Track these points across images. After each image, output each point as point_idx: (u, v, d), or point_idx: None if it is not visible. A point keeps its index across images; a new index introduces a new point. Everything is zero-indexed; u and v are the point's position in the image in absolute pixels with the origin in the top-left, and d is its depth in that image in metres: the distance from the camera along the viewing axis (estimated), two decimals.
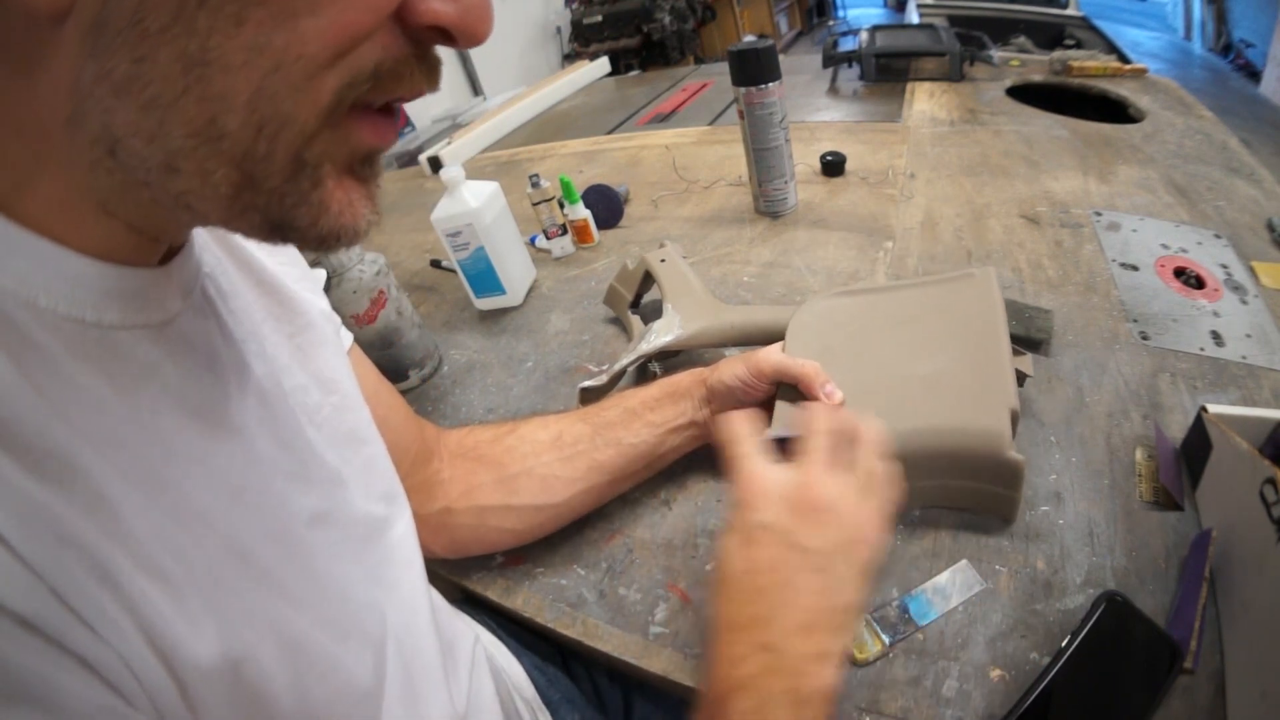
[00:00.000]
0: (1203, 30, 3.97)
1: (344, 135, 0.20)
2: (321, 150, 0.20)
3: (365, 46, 0.19)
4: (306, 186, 0.20)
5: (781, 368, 0.45)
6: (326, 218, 0.21)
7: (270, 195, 0.20)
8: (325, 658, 0.27)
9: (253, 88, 0.17)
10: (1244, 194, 0.78)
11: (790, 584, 0.32)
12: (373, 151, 0.22)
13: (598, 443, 0.49)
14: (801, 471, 0.34)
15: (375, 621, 0.31)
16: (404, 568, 0.36)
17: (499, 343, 0.75)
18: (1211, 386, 0.52)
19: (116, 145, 0.18)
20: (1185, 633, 0.36)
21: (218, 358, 0.27)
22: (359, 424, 0.36)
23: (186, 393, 0.24)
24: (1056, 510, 0.45)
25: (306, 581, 0.27)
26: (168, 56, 0.17)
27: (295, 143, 0.19)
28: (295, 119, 0.18)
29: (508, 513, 0.48)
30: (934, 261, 0.72)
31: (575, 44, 3.04)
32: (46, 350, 0.20)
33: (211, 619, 0.22)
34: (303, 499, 0.29)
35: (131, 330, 0.23)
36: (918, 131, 1.03)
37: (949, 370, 0.44)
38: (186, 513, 0.23)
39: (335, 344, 0.37)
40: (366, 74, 0.19)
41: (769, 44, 0.75)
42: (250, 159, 0.19)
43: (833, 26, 5.35)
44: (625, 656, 0.43)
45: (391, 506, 0.37)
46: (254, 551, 0.25)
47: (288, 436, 0.29)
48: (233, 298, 0.29)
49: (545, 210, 0.87)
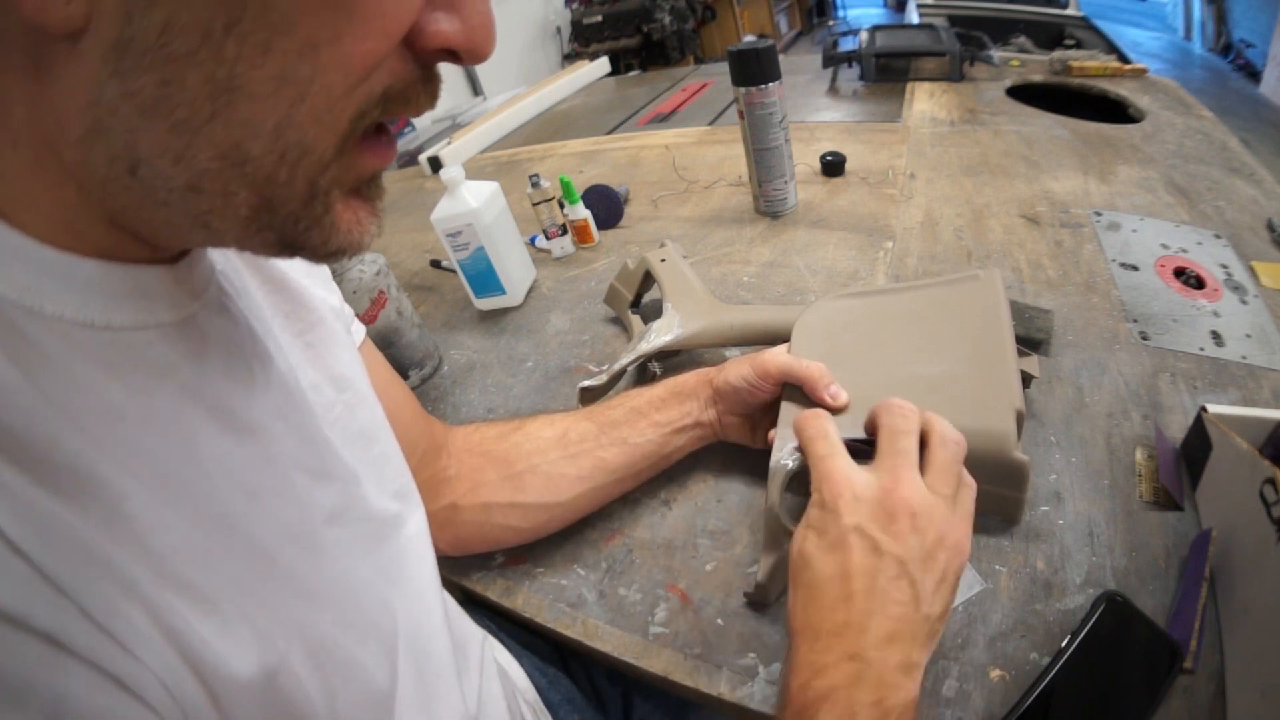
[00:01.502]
0: (1203, 30, 3.97)
1: (351, 161, 0.21)
2: (332, 177, 0.20)
3: (377, 74, 0.19)
4: (319, 211, 0.21)
5: (787, 369, 0.45)
6: (336, 237, 0.22)
7: (286, 218, 0.20)
8: (349, 661, 0.27)
9: (279, 116, 0.18)
10: (1244, 194, 0.78)
11: (881, 591, 0.30)
12: (374, 173, 0.23)
13: (603, 441, 0.49)
14: (889, 475, 0.33)
15: (388, 620, 0.31)
16: (417, 564, 0.36)
17: (499, 343, 0.75)
18: (1211, 386, 0.52)
19: (139, 164, 0.18)
20: (1185, 633, 0.36)
21: (239, 352, 0.26)
22: (371, 421, 0.36)
23: (204, 391, 0.24)
24: (1056, 510, 0.45)
25: (326, 581, 0.27)
26: (196, 80, 0.17)
27: (313, 171, 0.20)
28: (315, 148, 0.19)
29: (513, 510, 0.48)
30: (934, 261, 0.72)
31: (575, 44, 3.04)
32: (56, 358, 0.20)
33: (245, 629, 0.22)
34: (322, 496, 0.29)
35: (144, 331, 0.22)
36: (918, 131, 1.03)
37: (954, 371, 0.44)
38: (209, 517, 0.23)
39: (345, 341, 0.37)
40: (376, 99, 0.20)
41: (769, 44, 0.75)
42: (271, 184, 0.19)
43: (833, 26, 5.35)
44: (625, 657, 0.43)
45: (405, 504, 0.37)
46: (276, 552, 0.25)
47: (309, 432, 0.29)
48: (244, 295, 0.29)
49: (545, 210, 0.87)
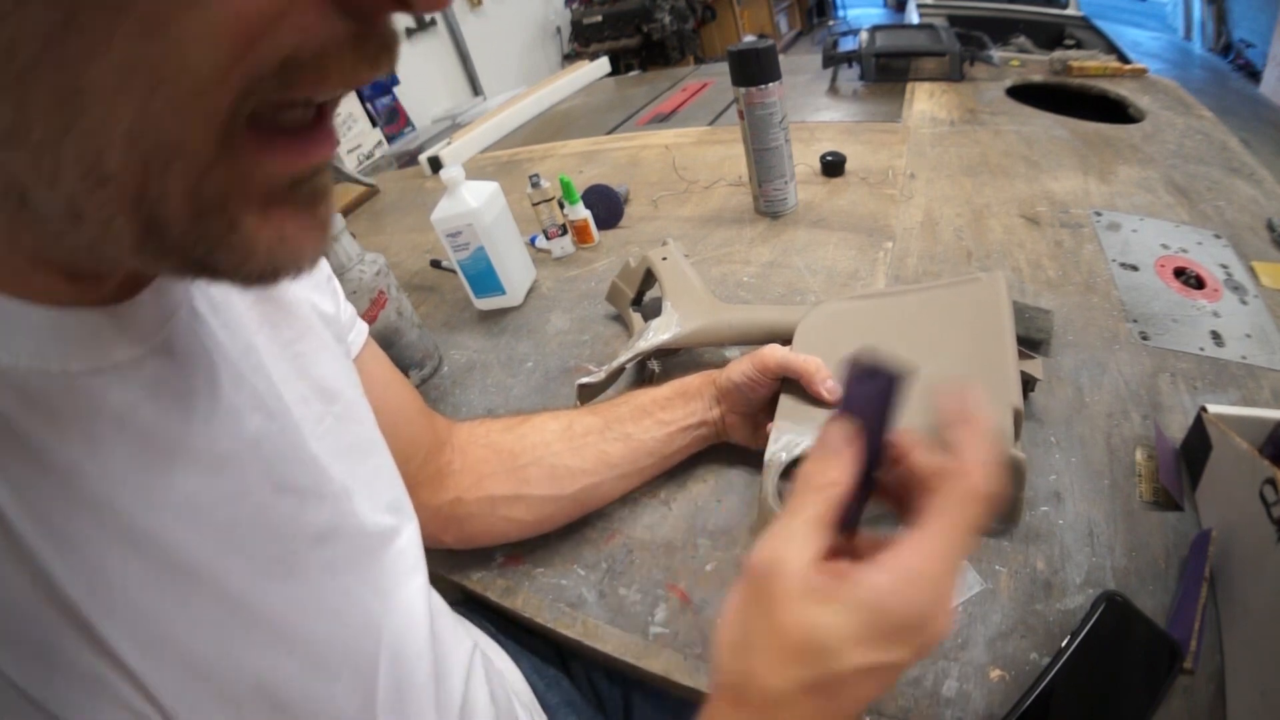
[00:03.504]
0: (1203, 30, 3.97)
1: (249, 166, 0.17)
2: (220, 187, 0.16)
3: (269, 38, 0.15)
4: (220, 230, 0.17)
5: (785, 362, 0.46)
6: (254, 260, 0.18)
7: (181, 241, 0.16)
8: (315, 705, 0.27)
9: (131, 115, 0.14)
10: (1244, 194, 0.78)
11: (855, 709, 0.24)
12: (301, 176, 0.18)
13: (608, 435, 0.49)
14: (928, 566, 0.23)
15: (371, 643, 0.31)
16: (407, 576, 0.35)
17: (499, 343, 0.75)
18: (1211, 386, 0.52)
19: (26, 195, 0.16)
20: (1185, 633, 0.36)
21: (214, 377, 0.25)
22: (363, 433, 0.35)
23: (167, 431, 0.23)
24: (1056, 510, 0.45)
25: (306, 612, 0.27)
26: (43, 93, 0.14)
27: (190, 178, 0.16)
28: (185, 147, 0.15)
29: (518, 503, 0.48)
30: (934, 262, 0.72)
31: (575, 44, 3.04)
32: (14, 418, 0.19)
33: (207, 696, 0.22)
34: (311, 516, 0.28)
35: (102, 375, 0.21)
36: (918, 131, 1.03)
37: (953, 370, 0.45)
38: (175, 570, 0.22)
39: (336, 349, 0.36)
40: (272, 71, 0.15)
41: (769, 44, 0.75)
42: (144, 202, 0.15)
43: (833, 26, 5.35)
44: (625, 657, 0.43)
45: (398, 516, 0.36)
46: (250, 594, 0.25)
47: (294, 451, 0.29)
48: (225, 309, 0.28)
49: (545, 210, 0.87)
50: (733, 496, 0.51)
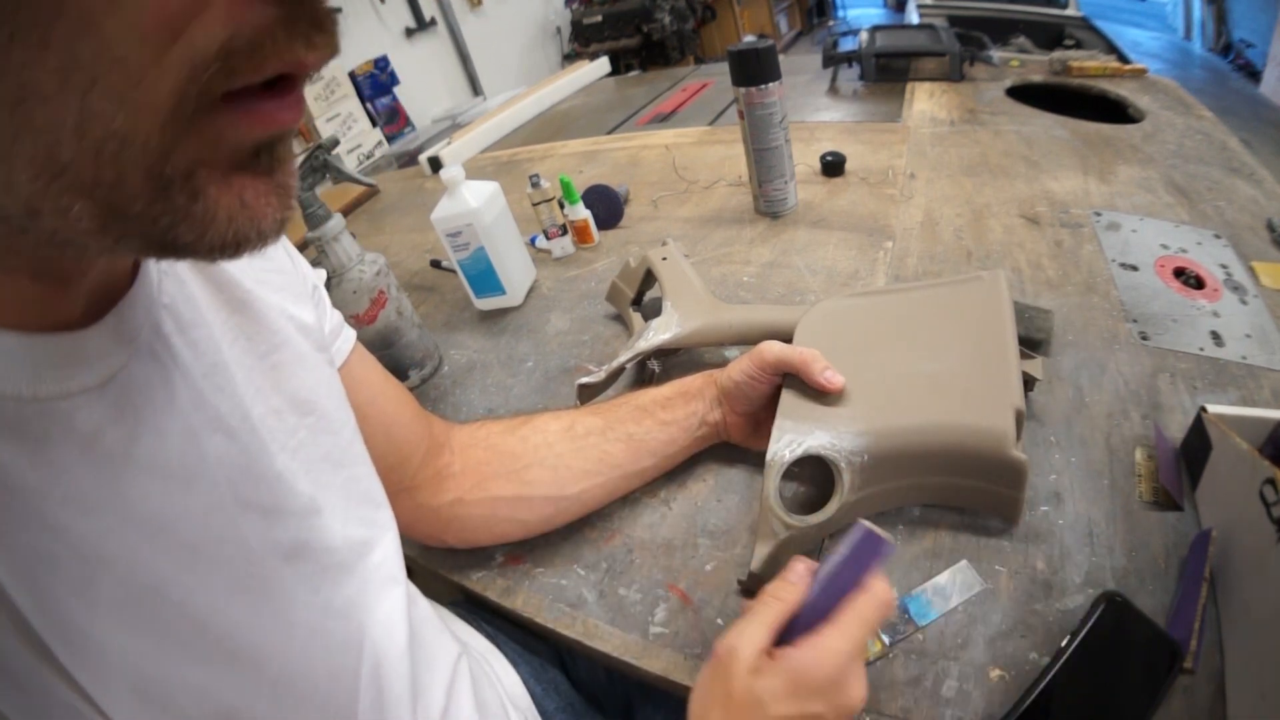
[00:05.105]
0: (1203, 30, 3.97)
1: (216, 133, 0.17)
2: (189, 159, 0.17)
3: (199, 26, 0.15)
4: (182, 201, 0.17)
5: (783, 356, 0.46)
6: (215, 229, 0.18)
7: (141, 220, 0.17)
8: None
9: (75, 112, 0.15)
10: (1244, 194, 0.78)
11: None
12: (264, 141, 0.19)
13: (609, 435, 0.49)
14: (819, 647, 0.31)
15: (352, 658, 0.31)
16: (385, 588, 0.35)
17: (499, 343, 0.75)
18: (1211, 386, 0.52)
19: None
20: (1185, 633, 0.36)
21: (172, 400, 0.25)
22: (338, 445, 0.35)
23: (134, 452, 0.23)
24: (1056, 510, 0.45)
25: (275, 632, 0.27)
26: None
27: (145, 160, 0.16)
28: (134, 136, 0.16)
29: (519, 503, 0.48)
30: (934, 261, 0.72)
31: (575, 44, 3.04)
32: None
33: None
34: (278, 533, 0.28)
35: (70, 399, 0.22)
36: (918, 131, 1.03)
37: (954, 369, 0.45)
38: (137, 589, 0.23)
39: (315, 360, 0.35)
40: (210, 59, 0.16)
41: (769, 44, 0.75)
42: (101, 188, 0.16)
43: (833, 26, 5.35)
44: (625, 657, 0.43)
45: (373, 528, 0.36)
46: (217, 616, 0.25)
47: (258, 468, 0.29)
48: (194, 327, 0.28)
49: (545, 210, 0.87)
50: (733, 496, 0.51)
